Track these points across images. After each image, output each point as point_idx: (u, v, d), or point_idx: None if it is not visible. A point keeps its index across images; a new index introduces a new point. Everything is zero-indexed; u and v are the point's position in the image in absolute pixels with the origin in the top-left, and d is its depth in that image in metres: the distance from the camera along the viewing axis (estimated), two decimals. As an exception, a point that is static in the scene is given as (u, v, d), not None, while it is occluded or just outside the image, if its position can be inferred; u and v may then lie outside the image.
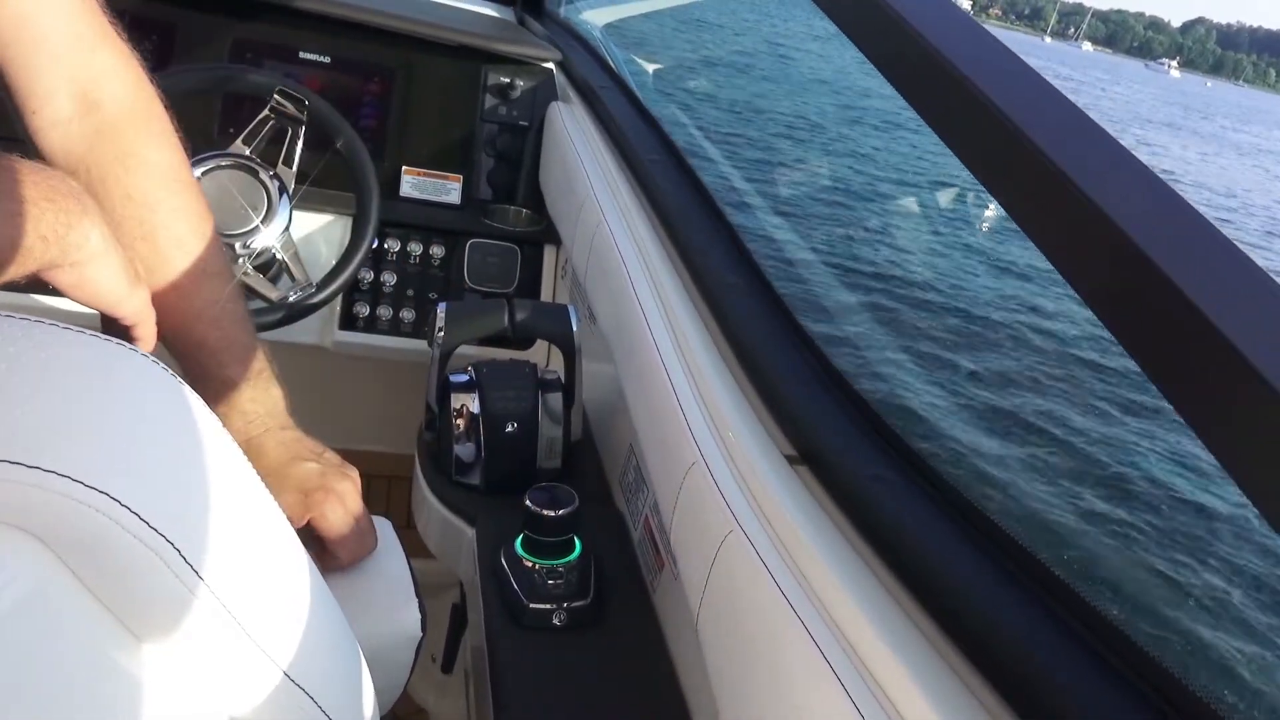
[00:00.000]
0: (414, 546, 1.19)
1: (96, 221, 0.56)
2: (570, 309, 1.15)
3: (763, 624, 0.68)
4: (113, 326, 0.61)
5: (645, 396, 1.01)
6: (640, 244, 1.17)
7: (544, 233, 1.64)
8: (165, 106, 0.77)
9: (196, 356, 0.78)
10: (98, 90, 0.72)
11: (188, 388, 0.43)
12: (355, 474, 0.84)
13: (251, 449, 0.81)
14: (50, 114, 0.71)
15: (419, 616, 0.80)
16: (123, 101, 0.74)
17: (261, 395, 0.82)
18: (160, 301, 0.67)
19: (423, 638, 0.80)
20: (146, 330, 0.63)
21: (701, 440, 0.83)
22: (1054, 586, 0.60)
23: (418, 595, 0.81)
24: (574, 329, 1.14)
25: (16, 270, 0.50)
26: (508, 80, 1.65)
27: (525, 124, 1.67)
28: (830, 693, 0.59)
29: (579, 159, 1.43)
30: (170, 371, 0.43)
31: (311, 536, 0.79)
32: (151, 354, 0.43)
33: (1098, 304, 0.50)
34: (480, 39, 1.62)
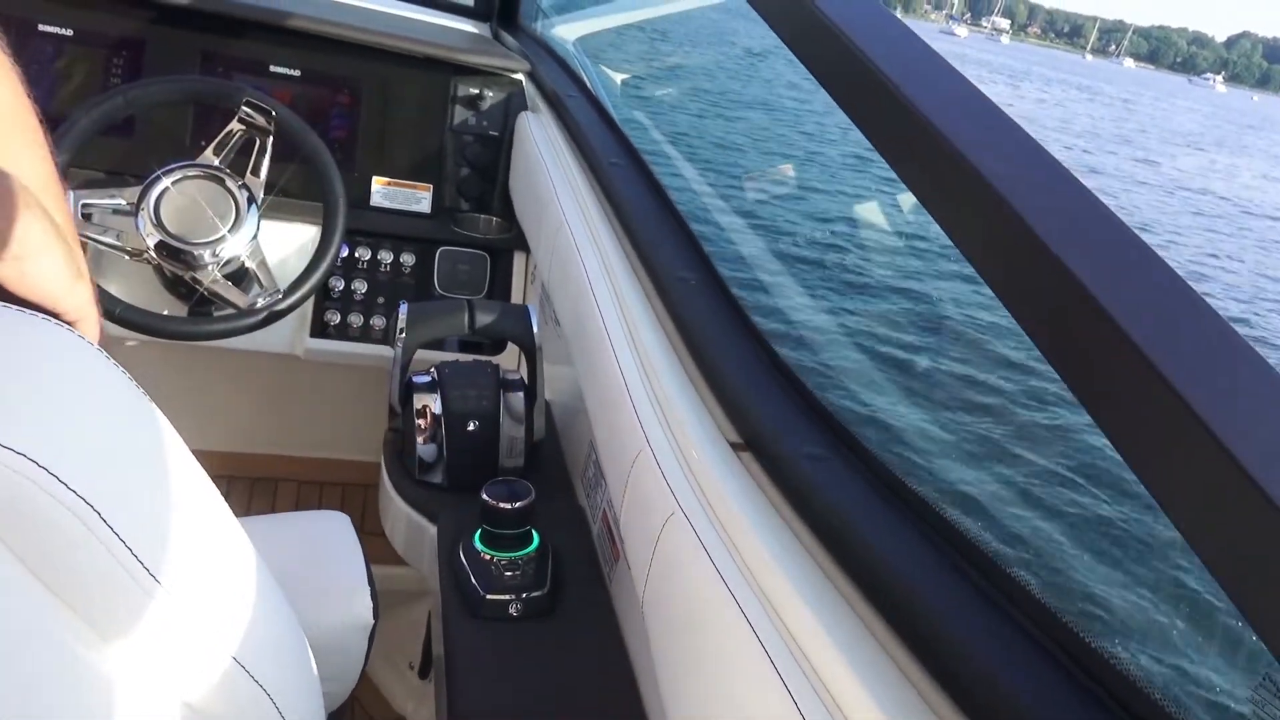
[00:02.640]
0: (391, 554, 1.20)
1: (37, 216, 0.56)
2: (530, 309, 1.17)
3: (701, 605, 0.69)
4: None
5: (600, 391, 1.02)
6: (599, 244, 1.19)
7: (514, 240, 1.66)
8: (40, 121, 0.75)
9: None
10: None
11: (111, 360, 0.44)
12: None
13: None
14: None
15: (370, 604, 0.81)
16: None
17: None
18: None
19: (374, 625, 0.81)
20: (89, 327, 0.64)
21: (649, 428, 0.85)
22: (981, 563, 0.62)
23: (370, 584, 0.83)
24: (534, 328, 1.16)
25: None
26: (476, 91, 1.68)
27: (496, 134, 1.69)
28: (762, 673, 0.61)
29: (544, 165, 1.45)
30: (95, 346, 0.45)
31: None
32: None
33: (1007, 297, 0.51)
34: (448, 51, 1.65)
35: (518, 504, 0.94)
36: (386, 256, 1.60)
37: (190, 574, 0.45)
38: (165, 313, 1.34)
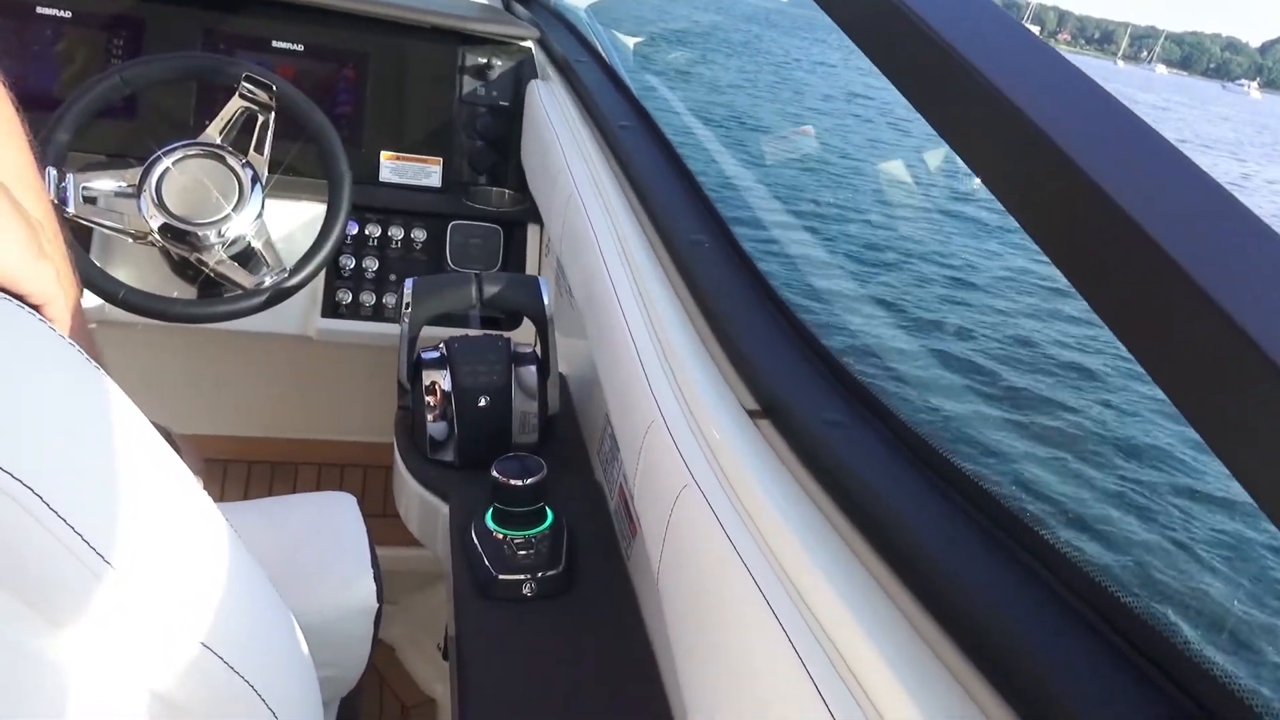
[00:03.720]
0: (406, 535, 1.17)
1: None
2: (541, 281, 1.13)
3: (715, 576, 0.66)
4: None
5: (614, 362, 0.98)
6: (610, 209, 1.15)
7: (527, 212, 1.62)
8: (15, 108, 0.73)
9: None
10: None
11: (77, 348, 0.41)
12: None
13: None
14: None
15: (373, 588, 0.78)
16: None
17: None
18: None
19: (379, 608, 0.78)
20: (55, 310, 0.61)
21: (662, 398, 0.81)
22: (1017, 530, 0.58)
23: (375, 567, 0.80)
24: (546, 300, 1.12)
25: None
26: (485, 61, 1.63)
27: (506, 104, 1.65)
28: (779, 645, 0.57)
29: (555, 133, 1.41)
30: (58, 331, 0.42)
31: None
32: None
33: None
34: (454, 20, 1.60)
35: (529, 480, 0.91)
36: (397, 233, 1.56)
37: (149, 556, 0.42)
38: (175, 295, 1.32)
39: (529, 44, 1.68)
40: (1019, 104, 0.48)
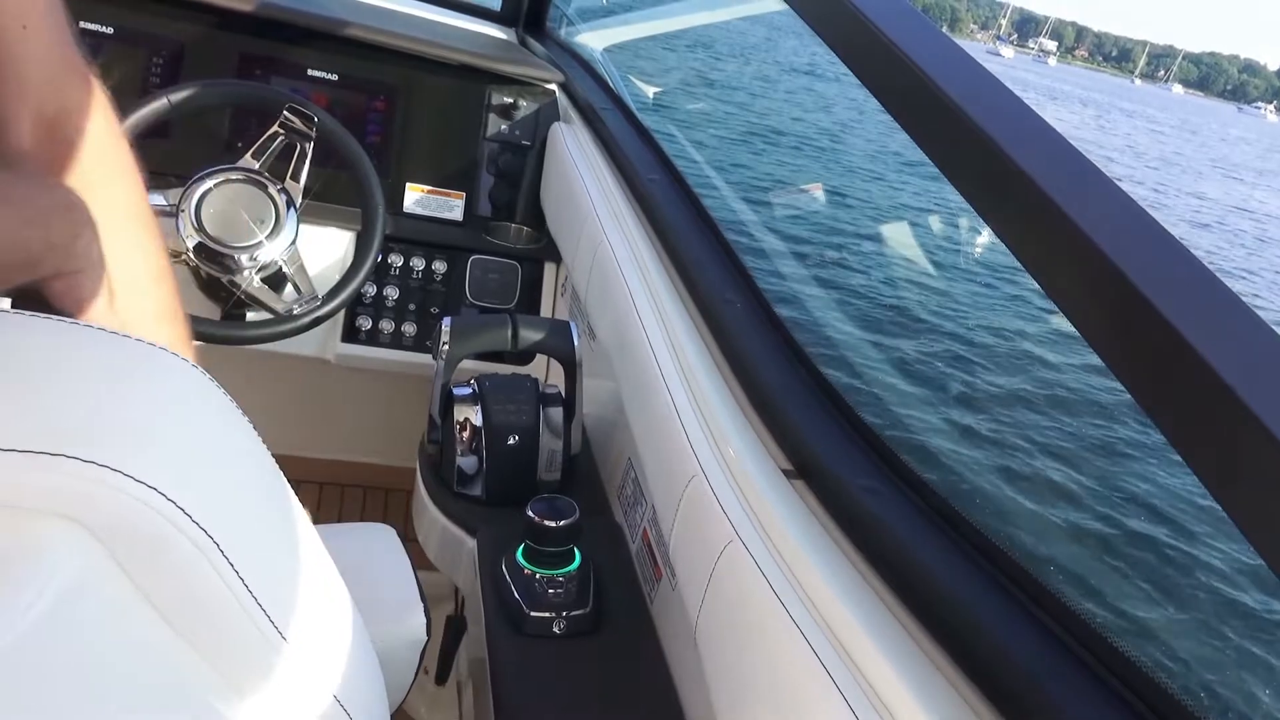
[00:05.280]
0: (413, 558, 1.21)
1: (97, 234, 0.56)
2: (572, 325, 1.18)
3: (761, 633, 0.70)
4: None
5: (645, 411, 1.03)
6: (641, 262, 1.19)
7: (544, 250, 1.66)
8: (130, 144, 0.75)
9: None
10: (62, 122, 0.69)
11: (223, 390, 0.45)
12: None
13: None
14: (13, 142, 0.67)
15: (424, 621, 0.82)
16: (86, 135, 0.70)
17: None
18: None
19: (427, 642, 0.82)
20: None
21: (701, 454, 0.86)
22: (1037, 592, 0.63)
23: (422, 599, 0.83)
24: (575, 344, 1.16)
25: (25, 275, 0.51)
26: (511, 100, 1.68)
27: (528, 143, 1.70)
28: (827, 699, 0.61)
29: (581, 179, 1.46)
30: (207, 375, 0.45)
31: None
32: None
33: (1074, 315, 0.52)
34: (484, 59, 1.65)
35: (563, 522, 0.95)
36: (419, 263, 1.60)
37: (301, 615, 0.45)
38: (202, 315, 1.35)
39: (553, 86, 1.74)
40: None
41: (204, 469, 0.41)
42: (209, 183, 1.32)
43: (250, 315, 1.40)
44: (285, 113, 1.36)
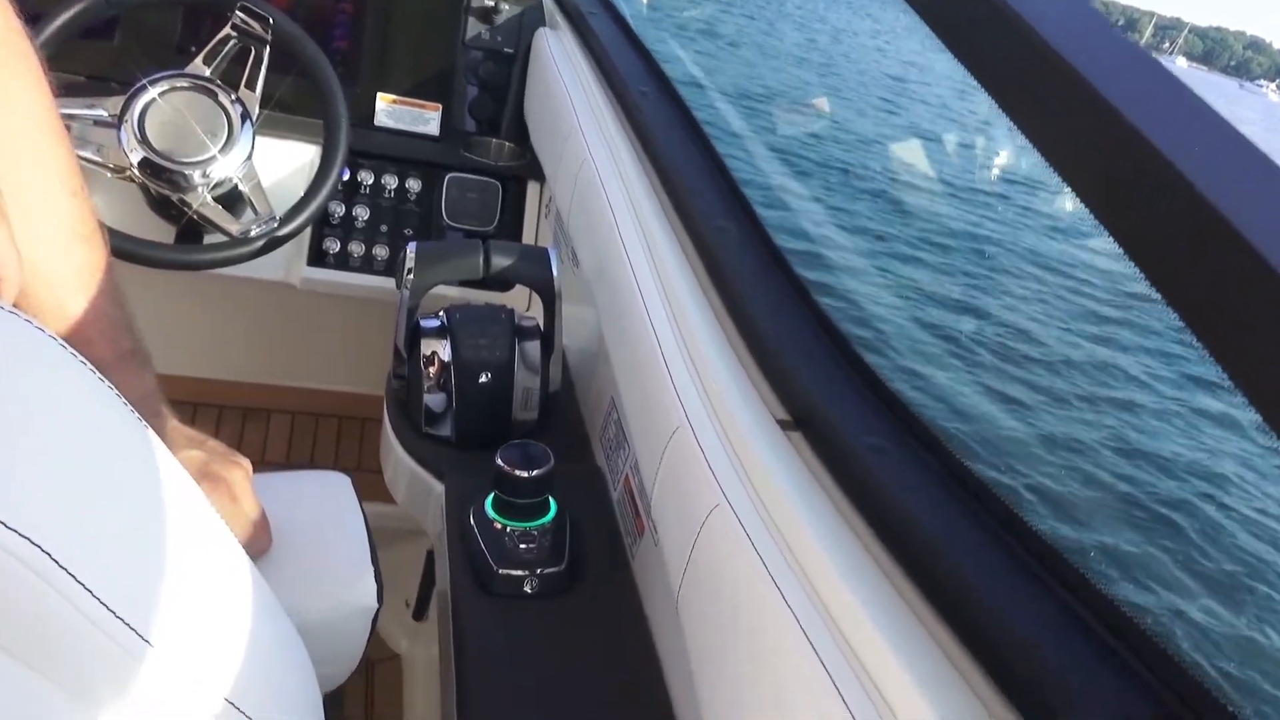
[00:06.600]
0: (379, 491, 1.13)
1: None
2: (551, 252, 1.08)
3: (745, 601, 0.63)
4: None
5: (628, 350, 0.94)
6: (627, 183, 1.09)
7: (528, 168, 1.55)
8: (36, 52, 0.66)
9: (56, 327, 0.66)
10: None
11: (58, 344, 0.35)
12: (247, 464, 0.73)
13: None
14: None
15: (374, 588, 0.74)
16: None
17: (130, 378, 0.70)
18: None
19: (379, 609, 0.74)
20: (6, 289, 0.54)
21: (688, 403, 0.77)
22: (1071, 578, 0.55)
23: (374, 564, 0.75)
24: (555, 274, 1.06)
25: None
26: (492, 3, 1.55)
27: (510, 51, 1.57)
28: (811, 671, 0.54)
29: (565, 90, 1.34)
30: (54, 338, 0.36)
31: None
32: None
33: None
34: None
35: (535, 472, 0.86)
36: (391, 181, 1.49)
37: (175, 614, 0.37)
38: (153, 237, 1.24)
39: None
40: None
41: (24, 465, 0.32)
42: (153, 91, 1.20)
43: (207, 238, 1.30)
44: (238, 12, 1.23)
